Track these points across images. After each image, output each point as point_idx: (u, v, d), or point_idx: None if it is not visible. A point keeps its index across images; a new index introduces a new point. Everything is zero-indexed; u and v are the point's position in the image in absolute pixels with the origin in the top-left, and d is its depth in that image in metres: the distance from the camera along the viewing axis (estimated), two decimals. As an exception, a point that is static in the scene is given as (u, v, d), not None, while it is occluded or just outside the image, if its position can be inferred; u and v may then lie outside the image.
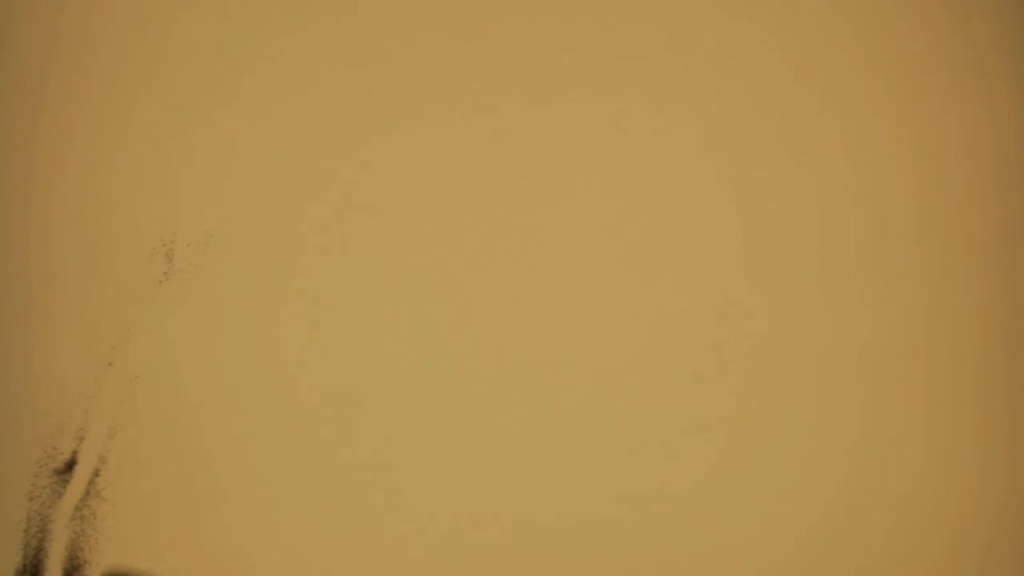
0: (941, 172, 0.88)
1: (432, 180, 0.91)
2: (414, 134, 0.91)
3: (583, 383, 0.88)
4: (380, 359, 0.89)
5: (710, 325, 0.88)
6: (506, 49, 0.91)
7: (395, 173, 0.91)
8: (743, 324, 0.87)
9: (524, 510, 0.85)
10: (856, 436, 0.85)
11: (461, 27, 0.92)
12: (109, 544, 0.86)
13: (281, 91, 0.92)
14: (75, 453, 0.89)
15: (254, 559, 0.85)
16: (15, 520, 0.89)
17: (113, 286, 0.91)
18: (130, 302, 0.91)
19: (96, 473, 0.89)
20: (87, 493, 0.89)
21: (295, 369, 0.88)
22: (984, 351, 0.86)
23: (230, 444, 0.88)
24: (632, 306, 0.88)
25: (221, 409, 0.89)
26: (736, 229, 0.89)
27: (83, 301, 0.91)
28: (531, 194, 0.90)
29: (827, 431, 0.85)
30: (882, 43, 0.90)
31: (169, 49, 0.93)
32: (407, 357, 0.89)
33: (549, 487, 0.87)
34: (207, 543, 0.85)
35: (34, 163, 0.92)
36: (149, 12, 0.93)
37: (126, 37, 0.94)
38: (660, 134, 0.90)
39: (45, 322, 0.90)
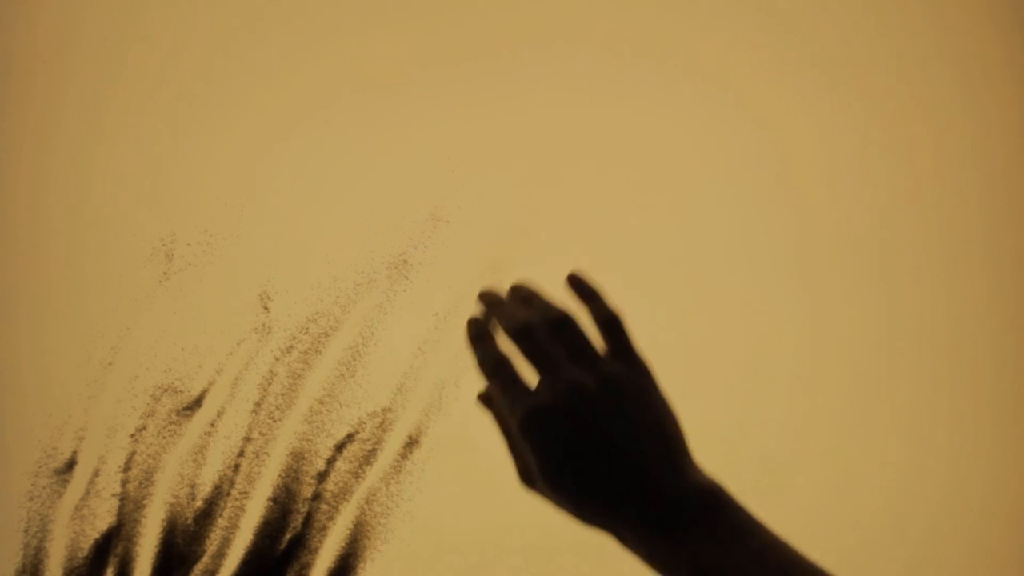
0: (957, 173, 0.88)
1: (431, 182, 0.91)
2: (413, 136, 0.91)
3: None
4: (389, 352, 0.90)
5: (725, 326, 0.88)
6: (504, 54, 0.92)
7: (395, 174, 0.91)
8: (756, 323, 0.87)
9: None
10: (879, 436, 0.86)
11: (459, 34, 0.92)
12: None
13: (281, 92, 0.92)
14: (75, 453, 0.89)
15: None
16: (15, 520, 0.89)
17: (113, 286, 0.91)
18: (130, 302, 0.91)
19: (96, 473, 0.89)
20: (87, 493, 0.89)
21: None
22: (996, 349, 0.87)
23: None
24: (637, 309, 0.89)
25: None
26: (741, 228, 0.89)
27: (83, 301, 0.91)
28: (525, 195, 0.90)
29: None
30: (899, 45, 0.90)
31: (170, 51, 0.93)
32: (429, 350, 0.89)
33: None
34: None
35: (35, 165, 0.92)
36: (151, 13, 0.94)
37: (128, 40, 0.94)
38: (669, 136, 0.90)
39: (45, 322, 0.91)
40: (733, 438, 0.87)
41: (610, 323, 0.54)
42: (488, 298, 0.57)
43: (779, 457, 0.86)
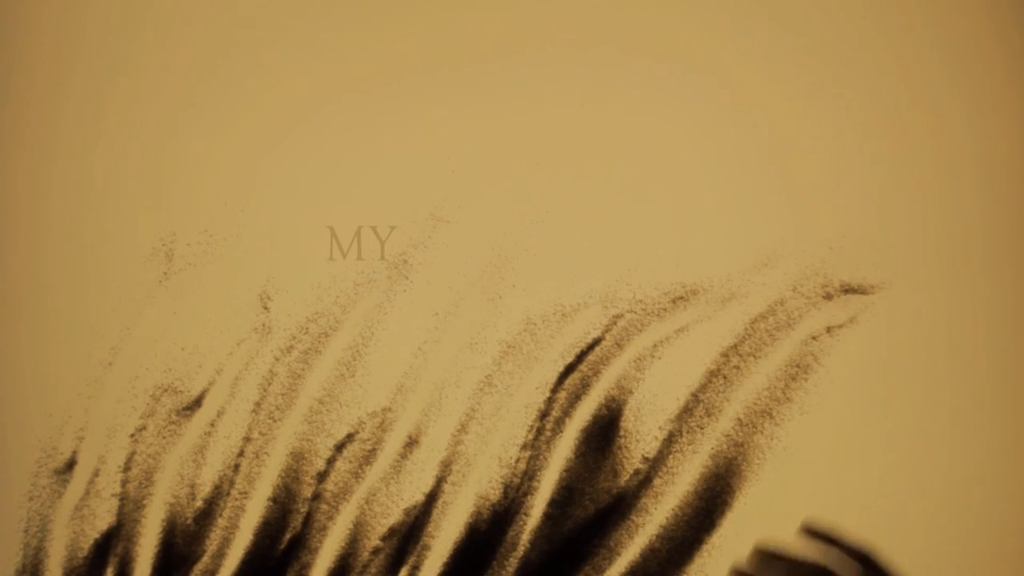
0: (959, 174, 0.88)
1: (431, 182, 0.91)
2: (413, 136, 0.91)
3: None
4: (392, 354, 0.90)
5: (723, 325, 0.88)
6: (505, 54, 0.92)
7: (395, 173, 0.91)
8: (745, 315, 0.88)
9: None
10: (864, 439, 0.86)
11: (460, 31, 0.92)
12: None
13: (282, 92, 0.92)
14: (75, 453, 0.89)
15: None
16: (15, 520, 0.89)
17: (113, 286, 0.91)
18: (130, 302, 0.91)
19: (96, 473, 0.89)
20: (87, 493, 0.89)
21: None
22: (999, 351, 0.87)
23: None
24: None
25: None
26: (744, 227, 0.89)
27: (83, 301, 0.91)
28: (522, 199, 0.90)
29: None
30: (901, 46, 0.90)
31: (171, 51, 0.93)
32: (429, 350, 0.89)
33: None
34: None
35: (35, 165, 0.92)
36: (151, 13, 0.94)
37: (127, 39, 0.94)
38: (670, 140, 0.90)
39: (45, 322, 0.91)
40: (727, 439, 0.86)
41: (866, 558, 0.54)
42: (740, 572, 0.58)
43: (776, 457, 0.86)
